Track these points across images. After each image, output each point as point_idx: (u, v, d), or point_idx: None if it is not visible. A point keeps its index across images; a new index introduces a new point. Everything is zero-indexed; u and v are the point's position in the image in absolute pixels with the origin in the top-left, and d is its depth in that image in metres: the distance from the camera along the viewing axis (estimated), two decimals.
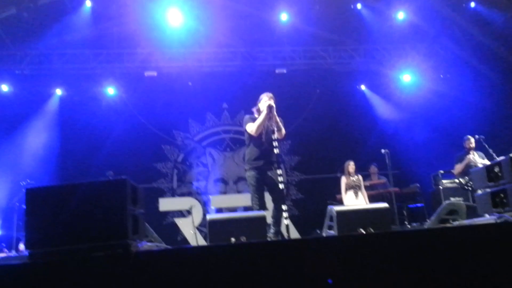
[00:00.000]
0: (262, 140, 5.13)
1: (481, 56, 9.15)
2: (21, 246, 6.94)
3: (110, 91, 9.72)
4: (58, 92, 9.60)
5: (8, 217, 7.96)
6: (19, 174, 8.16)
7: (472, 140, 7.35)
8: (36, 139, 9.18)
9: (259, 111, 5.31)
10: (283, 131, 5.16)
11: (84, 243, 2.93)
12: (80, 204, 3.00)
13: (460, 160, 7.30)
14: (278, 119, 5.06)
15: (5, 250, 7.23)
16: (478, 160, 7.15)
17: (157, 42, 9.22)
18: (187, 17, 8.79)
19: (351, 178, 7.61)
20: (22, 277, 2.88)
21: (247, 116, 5.46)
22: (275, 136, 4.92)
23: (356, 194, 7.52)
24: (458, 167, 7.25)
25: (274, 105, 5.08)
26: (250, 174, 5.12)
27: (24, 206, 3.06)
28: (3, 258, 5.74)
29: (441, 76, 10.01)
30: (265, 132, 5.15)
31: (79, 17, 8.61)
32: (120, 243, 2.94)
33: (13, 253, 6.81)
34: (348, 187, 7.60)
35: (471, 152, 7.26)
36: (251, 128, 5.16)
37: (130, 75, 9.58)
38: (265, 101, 5.24)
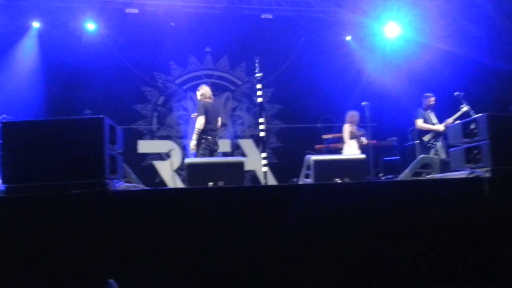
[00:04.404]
0: None
1: (467, 11, 9.05)
2: None
3: (90, 26, 9.35)
4: (36, 25, 9.20)
5: None
6: None
7: (432, 98, 7.61)
8: (13, 73, 8.89)
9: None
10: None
11: (61, 180, 2.92)
12: (57, 141, 2.97)
13: (421, 116, 7.54)
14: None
15: None
16: (434, 120, 7.51)
17: None
18: None
19: (355, 127, 7.70)
20: None
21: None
22: None
23: (359, 144, 7.64)
24: (423, 125, 7.46)
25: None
26: None
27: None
28: None
29: (427, 29, 9.88)
30: None
31: None
32: (97, 181, 2.95)
33: None
34: (352, 136, 7.69)
35: (428, 111, 7.58)
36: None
37: (110, 10, 9.21)
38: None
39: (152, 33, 9.45)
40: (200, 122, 6.27)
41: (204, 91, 6.69)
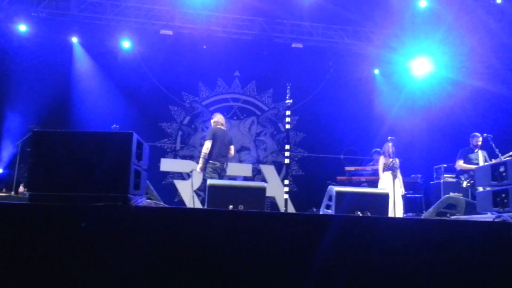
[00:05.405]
0: None
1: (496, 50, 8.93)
2: (21, 188, 7.02)
3: (125, 44, 9.63)
4: (75, 39, 9.52)
5: (12, 159, 8.06)
6: (29, 119, 8.18)
7: (480, 138, 7.33)
8: (50, 84, 9.17)
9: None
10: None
11: (84, 191, 2.95)
12: (85, 153, 3.01)
13: (464, 156, 7.30)
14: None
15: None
16: (482, 161, 7.16)
17: (177, 1, 9.10)
18: None
19: (390, 159, 7.57)
20: (21, 217, 2.92)
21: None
22: None
23: (394, 176, 7.46)
24: (463, 165, 7.25)
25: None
26: None
27: (28, 149, 3.08)
28: (3, 198, 5.81)
29: (459, 65, 9.76)
30: None
31: None
32: (121, 196, 2.97)
33: (12, 194, 6.89)
34: (386, 168, 7.56)
35: (476, 150, 7.27)
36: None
37: (145, 31, 9.48)
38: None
39: (184, 54, 9.68)
40: (206, 146, 6.43)
41: (217, 118, 6.86)
